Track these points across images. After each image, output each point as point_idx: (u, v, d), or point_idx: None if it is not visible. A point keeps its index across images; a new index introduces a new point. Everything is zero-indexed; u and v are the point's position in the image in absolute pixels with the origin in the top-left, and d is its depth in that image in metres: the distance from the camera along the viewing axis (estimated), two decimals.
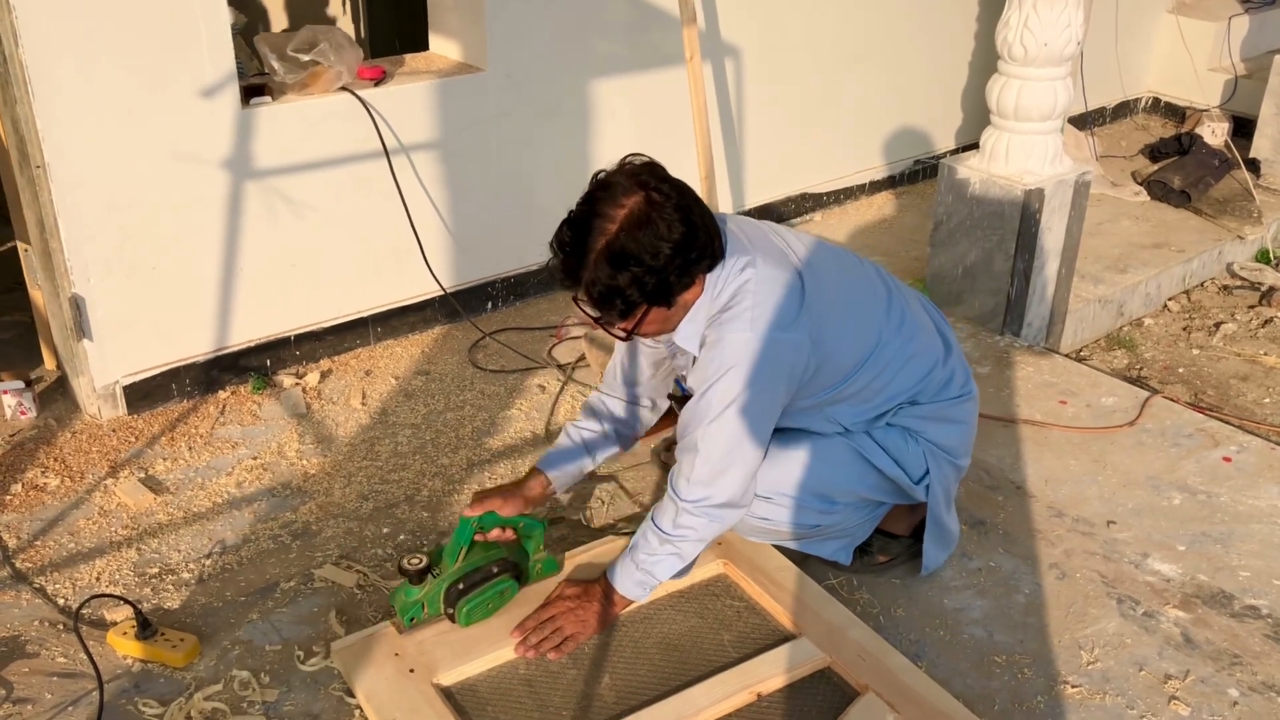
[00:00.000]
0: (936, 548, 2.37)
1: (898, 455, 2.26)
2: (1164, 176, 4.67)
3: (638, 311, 2.03)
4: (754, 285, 2.04)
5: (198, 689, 2.10)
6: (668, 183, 1.98)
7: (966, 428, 2.36)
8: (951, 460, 2.33)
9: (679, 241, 1.96)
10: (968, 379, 2.37)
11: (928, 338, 2.29)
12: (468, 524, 2.17)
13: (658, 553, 2.13)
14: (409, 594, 2.14)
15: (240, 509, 2.64)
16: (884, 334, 2.20)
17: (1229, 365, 3.81)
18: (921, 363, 2.26)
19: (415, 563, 2.14)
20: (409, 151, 3.23)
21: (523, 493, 2.26)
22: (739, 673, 2.08)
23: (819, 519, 2.27)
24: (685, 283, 2.03)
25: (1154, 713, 2.08)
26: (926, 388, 2.27)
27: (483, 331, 3.43)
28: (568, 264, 2.00)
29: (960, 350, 2.38)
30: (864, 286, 2.23)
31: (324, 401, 3.08)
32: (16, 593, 2.35)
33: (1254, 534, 2.56)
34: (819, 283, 2.11)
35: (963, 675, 2.17)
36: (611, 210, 1.95)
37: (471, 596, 2.14)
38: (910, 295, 2.34)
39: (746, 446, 2.08)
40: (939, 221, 3.56)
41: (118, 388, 2.94)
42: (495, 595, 2.17)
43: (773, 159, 4.21)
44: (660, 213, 1.94)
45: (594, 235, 1.95)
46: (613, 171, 2.00)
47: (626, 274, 1.95)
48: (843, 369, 2.17)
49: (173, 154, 2.83)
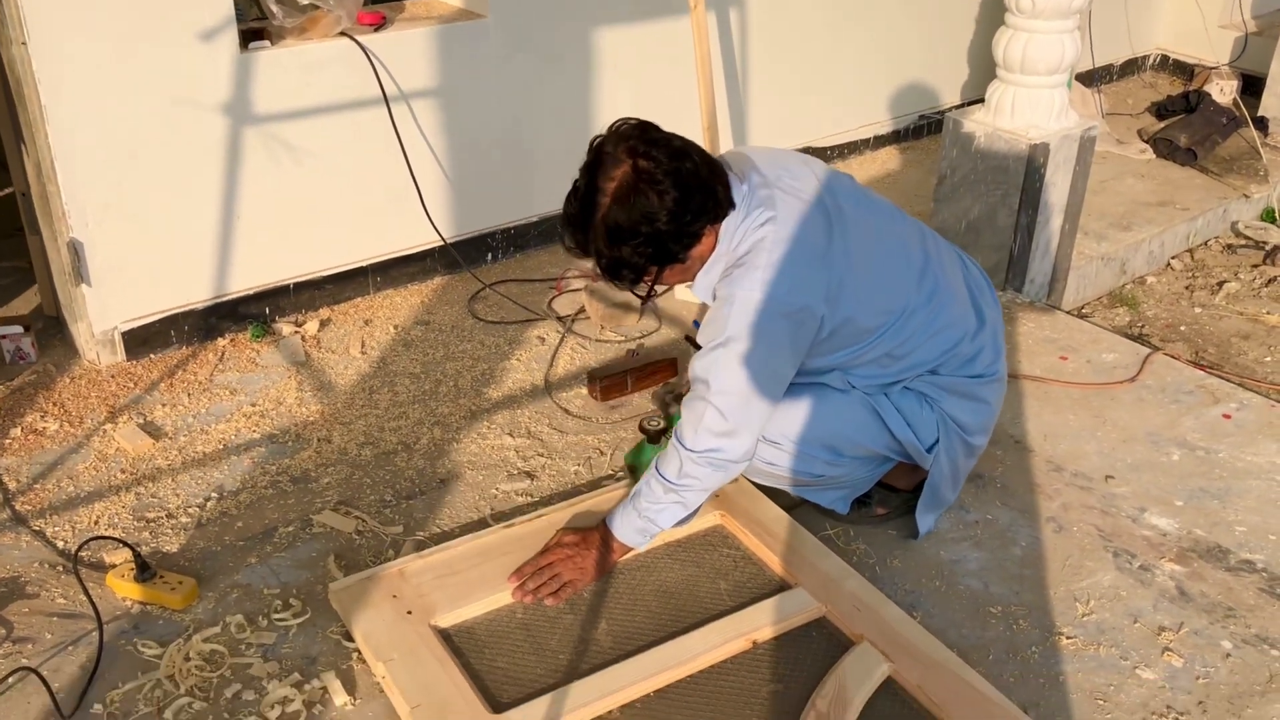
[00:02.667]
0: (928, 514, 2.37)
1: (911, 419, 2.24)
2: (1170, 134, 4.63)
3: (648, 274, 2.05)
4: (770, 242, 2.01)
5: (196, 631, 2.11)
6: (657, 145, 1.97)
7: (987, 408, 2.32)
8: (964, 437, 2.30)
9: (672, 207, 1.96)
10: (996, 359, 2.31)
11: (959, 310, 2.24)
12: None
13: (661, 501, 2.13)
14: (647, 453, 2.36)
15: (239, 455, 2.64)
16: (911, 303, 2.16)
17: (1231, 324, 3.80)
18: (948, 335, 2.22)
19: (655, 424, 2.37)
20: (409, 99, 3.20)
21: None
22: (735, 621, 2.09)
23: (825, 469, 2.27)
24: (688, 241, 2.03)
25: (1147, 664, 2.09)
26: (949, 361, 2.24)
27: (482, 282, 3.42)
28: (577, 238, 2.04)
29: (997, 328, 2.32)
30: (898, 251, 2.18)
31: (323, 350, 3.08)
32: (16, 535, 2.36)
33: (1252, 490, 2.57)
34: (846, 240, 2.07)
35: (958, 626, 2.18)
36: (604, 184, 1.97)
37: None
38: (952, 263, 2.29)
39: (756, 406, 2.07)
40: (943, 176, 3.54)
41: (116, 334, 2.94)
42: None
43: (776, 112, 4.17)
44: (650, 181, 1.94)
45: (592, 211, 1.98)
46: (605, 139, 2.01)
47: (626, 246, 1.98)
48: (862, 333, 2.14)
49: (171, 98, 2.80)
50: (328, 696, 1.97)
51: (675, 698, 1.95)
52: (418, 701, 1.89)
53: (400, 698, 1.91)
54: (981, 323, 2.29)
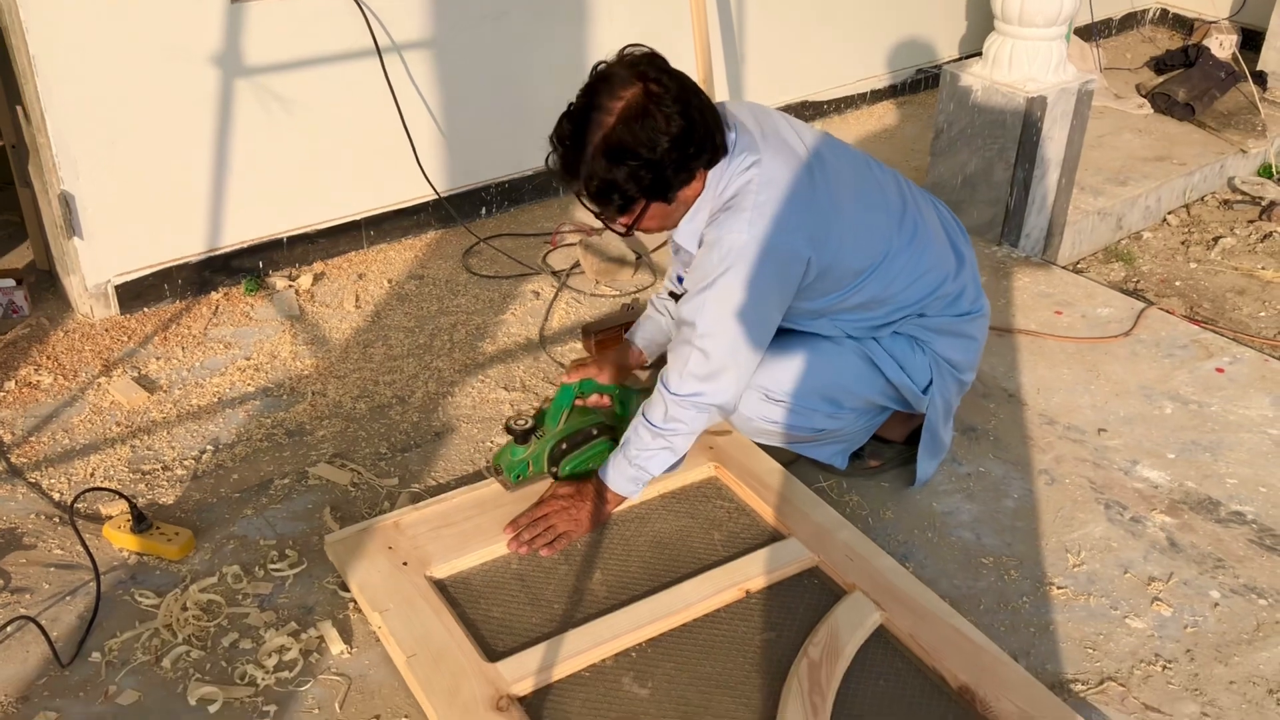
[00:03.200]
0: (929, 459, 2.38)
1: (904, 363, 2.25)
2: (1168, 89, 4.60)
3: (636, 206, 2.02)
4: (756, 185, 2.01)
5: (193, 581, 2.12)
6: (668, 74, 1.96)
7: (974, 344, 2.34)
8: (956, 375, 2.32)
9: (677, 135, 1.93)
10: (979, 295, 2.34)
11: (939, 251, 2.26)
12: (569, 389, 2.29)
13: (650, 447, 2.14)
14: (515, 453, 2.25)
15: (234, 408, 2.64)
16: (893, 245, 2.17)
17: (1226, 279, 3.80)
18: (931, 277, 2.23)
19: (522, 424, 2.23)
20: (402, 51, 3.17)
21: (618, 361, 2.39)
22: (728, 570, 2.10)
23: (826, 422, 2.27)
24: (684, 178, 2.01)
25: (1137, 613, 2.11)
26: (935, 302, 2.25)
27: (477, 237, 3.41)
28: (566, 158, 1.98)
29: (974, 265, 2.34)
30: (877, 196, 2.19)
31: (317, 304, 3.07)
32: (12, 487, 2.36)
33: (1243, 443, 2.58)
34: (829, 186, 2.08)
35: (950, 576, 2.19)
36: (609, 103, 1.92)
37: (574, 456, 2.25)
38: (927, 206, 2.30)
39: (742, 349, 2.07)
40: (939, 130, 3.52)
41: (109, 287, 2.93)
42: (595, 455, 2.26)
43: (772, 66, 4.14)
44: (659, 105, 1.92)
45: (591, 129, 1.93)
46: (612, 63, 1.98)
47: (624, 168, 1.93)
48: (848, 276, 2.14)
49: (162, 49, 2.78)
50: (324, 645, 1.99)
51: (669, 646, 1.97)
52: (413, 651, 1.90)
53: (396, 647, 1.92)
54: (961, 262, 2.31)
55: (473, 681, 1.84)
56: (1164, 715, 1.91)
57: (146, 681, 1.92)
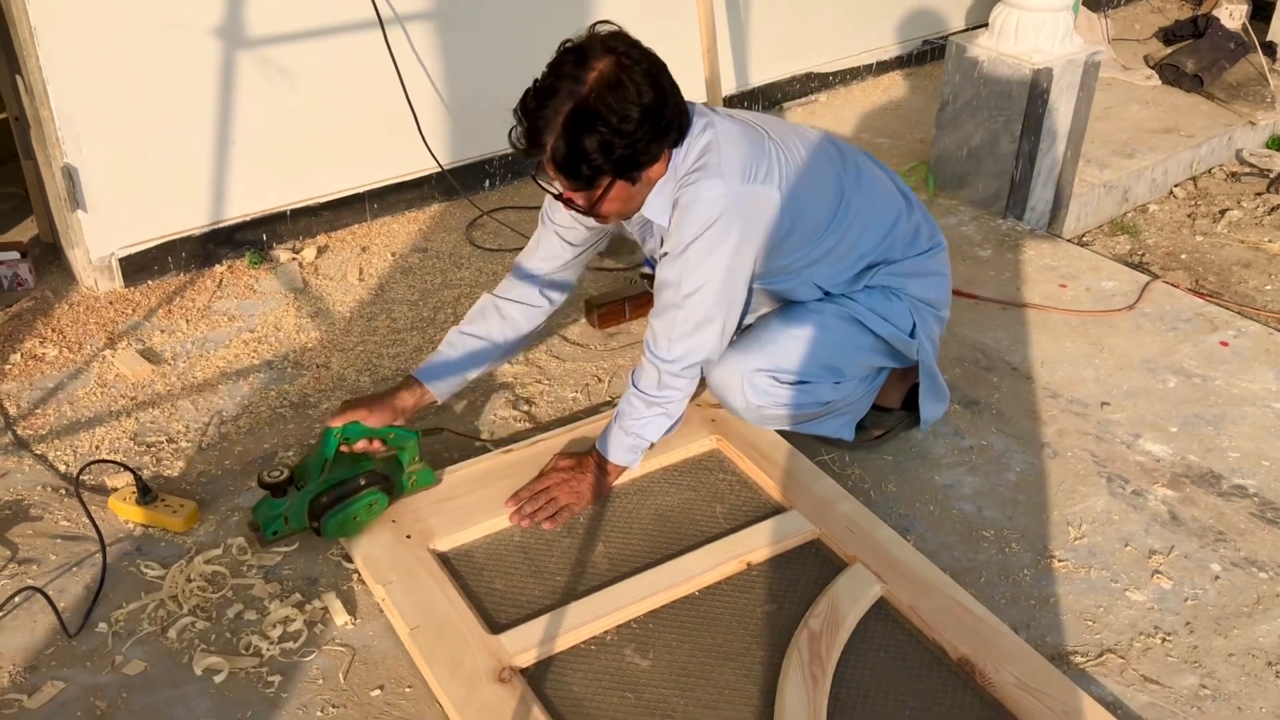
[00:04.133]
0: (933, 401, 2.39)
1: (885, 314, 2.27)
2: (1177, 60, 4.56)
3: (602, 181, 1.97)
4: (718, 141, 2.03)
5: (198, 553, 2.14)
6: (637, 48, 1.95)
7: (943, 279, 2.38)
8: (934, 312, 2.36)
9: (649, 106, 1.92)
10: (935, 231, 2.38)
11: (886, 192, 2.30)
12: (331, 435, 2.08)
13: (644, 415, 2.15)
14: (273, 507, 2.08)
15: (238, 381, 2.65)
16: (846, 189, 2.20)
17: (1232, 252, 3.78)
18: (885, 217, 2.27)
19: (276, 475, 2.06)
20: (404, 22, 3.16)
21: (392, 402, 2.18)
22: (730, 543, 2.11)
23: (831, 394, 2.28)
24: (654, 152, 1.98)
25: (1137, 585, 2.12)
26: (895, 242, 2.28)
27: (480, 210, 3.40)
28: (532, 129, 1.93)
29: (920, 204, 2.38)
30: (818, 147, 2.20)
31: (321, 277, 3.07)
32: (18, 459, 2.38)
33: (1246, 416, 2.58)
34: (782, 139, 2.11)
35: (951, 549, 2.20)
36: (581, 73, 1.90)
37: (336, 510, 2.06)
38: (862, 157, 2.33)
39: (728, 300, 2.08)
40: (945, 102, 3.50)
41: (114, 260, 2.93)
42: (364, 508, 2.08)
43: (777, 37, 4.11)
44: (630, 76, 1.90)
45: (560, 97, 1.90)
46: (580, 39, 1.96)
47: (595, 137, 1.89)
48: (815, 225, 2.16)
49: (163, 20, 2.77)
50: (329, 616, 2.00)
51: (670, 618, 1.98)
52: (417, 622, 1.92)
53: (399, 619, 1.94)
54: (908, 200, 2.34)
55: (475, 653, 1.86)
56: (1163, 687, 1.92)
57: (152, 652, 1.93)
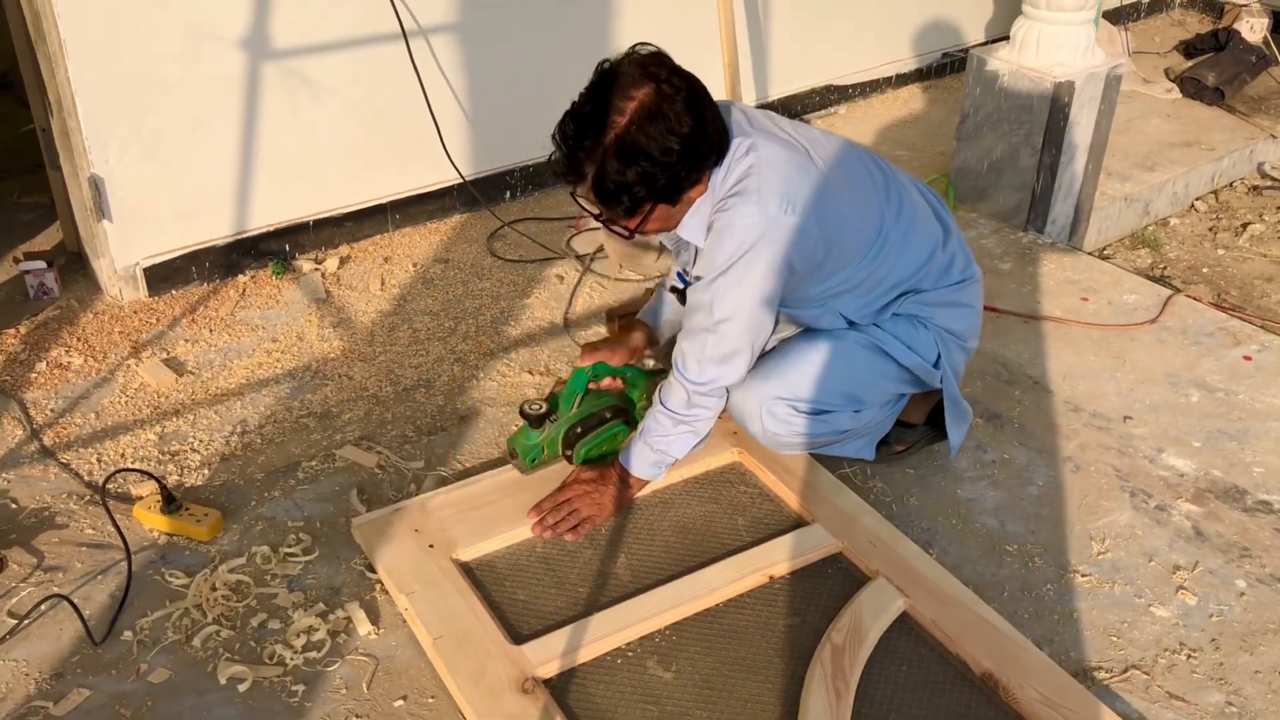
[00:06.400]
0: (957, 426, 2.38)
1: (911, 343, 2.25)
2: (1198, 73, 4.56)
3: (644, 208, 1.99)
4: (759, 168, 2.00)
5: (222, 562, 2.15)
6: (678, 74, 1.94)
7: (972, 311, 2.35)
8: (960, 344, 2.33)
9: (689, 135, 1.91)
10: (969, 262, 2.35)
11: (926, 222, 2.27)
12: (582, 373, 2.27)
13: (671, 433, 2.15)
14: (530, 437, 2.24)
15: (261, 390, 2.66)
16: (886, 218, 2.18)
17: (1254, 266, 3.77)
18: (922, 248, 2.23)
19: (536, 408, 2.23)
20: (428, 34, 3.18)
21: (628, 344, 2.36)
22: (752, 556, 2.11)
23: (851, 423, 2.27)
24: (694, 179, 1.99)
25: (1161, 601, 2.11)
26: (928, 273, 2.25)
27: (501, 221, 3.42)
28: (572, 158, 1.94)
29: (959, 233, 2.35)
30: (862, 172, 2.19)
31: (343, 287, 3.09)
32: (44, 467, 2.39)
33: (1270, 431, 2.56)
34: (823, 163, 2.08)
35: (973, 563, 2.20)
36: (621, 103, 1.89)
37: (588, 439, 2.24)
38: (906, 180, 2.31)
39: (758, 328, 2.08)
40: (965, 114, 3.50)
41: (138, 269, 2.95)
42: (609, 438, 2.26)
43: (797, 49, 4.12)
44: (671, 106, 1.90)
45: (600, 128, 1.90)
46: (619, 61, 1.95)
47: (635, 169, 1.91)
48: (850, 254, 2.14)
49: (190, 32, 2.79)
50: (352, 626, 2.01)
51: (693, 631, 1.98)
52: (440, 633, 1.92)
53: (422, 628, 1.94)
54: (947, 230, 2.31)
55: (498, 663, 1.86)
56: (1188, 704, 1.91)
57: (177, 660, 1.94)
